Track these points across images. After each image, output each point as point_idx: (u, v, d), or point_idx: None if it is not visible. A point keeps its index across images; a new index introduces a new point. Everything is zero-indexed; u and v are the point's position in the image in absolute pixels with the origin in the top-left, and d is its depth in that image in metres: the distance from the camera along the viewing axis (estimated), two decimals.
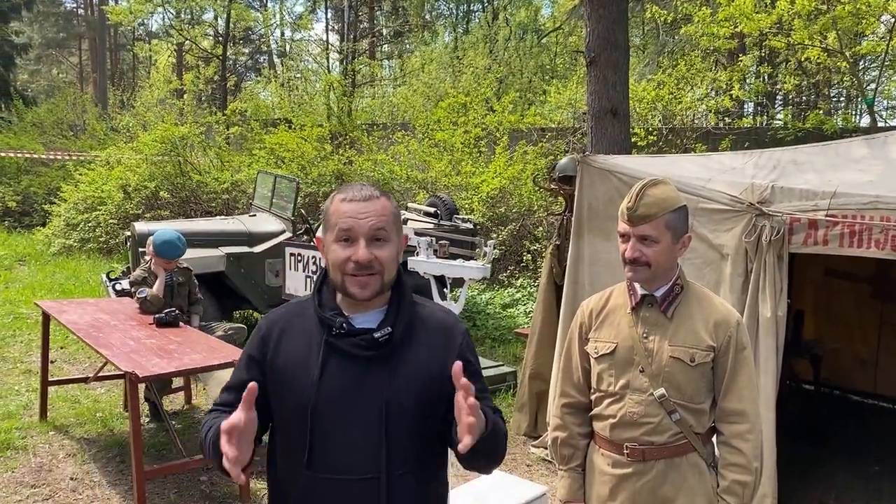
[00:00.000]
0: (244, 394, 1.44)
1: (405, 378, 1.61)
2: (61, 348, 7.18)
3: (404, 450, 1.61)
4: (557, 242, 5.24)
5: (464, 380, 1.42)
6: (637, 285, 2.18)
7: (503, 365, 6.74)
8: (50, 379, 5.43)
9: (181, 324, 4.95)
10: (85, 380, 5.64)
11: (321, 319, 1.64)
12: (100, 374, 5.47)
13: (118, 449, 4.82)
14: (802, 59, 12.12)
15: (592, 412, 2.26)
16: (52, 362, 6.43)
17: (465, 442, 1.42)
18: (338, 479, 1.59)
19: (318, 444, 1.59)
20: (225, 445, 1.42)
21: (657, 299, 2.15)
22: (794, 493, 4.50)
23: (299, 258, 4.37)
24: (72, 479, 4.40)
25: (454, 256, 3.78)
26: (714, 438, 2.19)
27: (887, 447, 5.35)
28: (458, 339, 1.71)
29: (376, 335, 1.60)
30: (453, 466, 2.05)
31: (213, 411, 1.73)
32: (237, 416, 1.43)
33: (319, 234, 1.71)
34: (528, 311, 8.93)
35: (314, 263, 4.24)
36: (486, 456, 1.61)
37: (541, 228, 10.40)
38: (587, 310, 2.30)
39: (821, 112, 12.25)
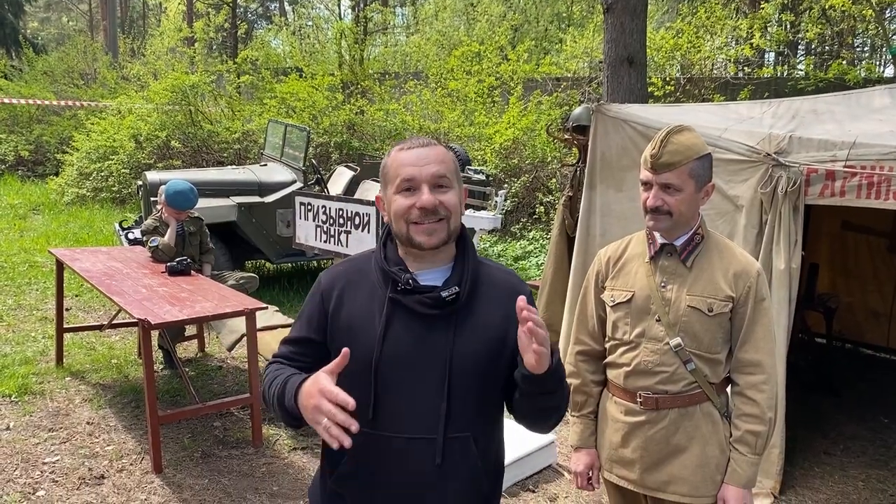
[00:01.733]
0: (338, 359, 1.41)
1: (469, 338, 1.58)
2: (76, 296, 7.26)
3: (464, 411, 1.59)
4: (570, 194, 5.18)
5: (525, 313, 1.40)
6: (657, 234, 2.14)
7: None
8: (65, 326, 5.50)
9: (193, 272, 4.97)
10: (100, 327, 5.71)
11: (385, 274, 1.60)
12: (114, 322, 5.52)
13: (133, 395, 4.90)
14: (826, 7, 11.78)
15: (606, 360, 2.25)
16: (67, 310, 6.51)
17: (530, 363, 1.43)
18: (395, 437, 1.57)
19: (379, 401, 1.57)
20: (330, 408, 1.37)
21: (677, 248, 2.12)
22: (801, 445, 4.53)
23: (309, 208, 4.35)
24: (88, 423, 4.48)
25: (466, 207, 3.73)
26: (728, 389, 2.18)
27: None
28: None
29: (444, 294, 1.55)
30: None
31: (272, 364, 1.70)
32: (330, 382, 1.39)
33: (379, 192, 1.66)
34: (539, 263, 8.91)
35: (324, 213, 4.22)
36: (545, 401, 1.58)
37: (554, 180, 10.30)
38: (604, 258, 2.27)
39: (844, 62, 11.95)
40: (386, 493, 1.60)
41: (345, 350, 1.42)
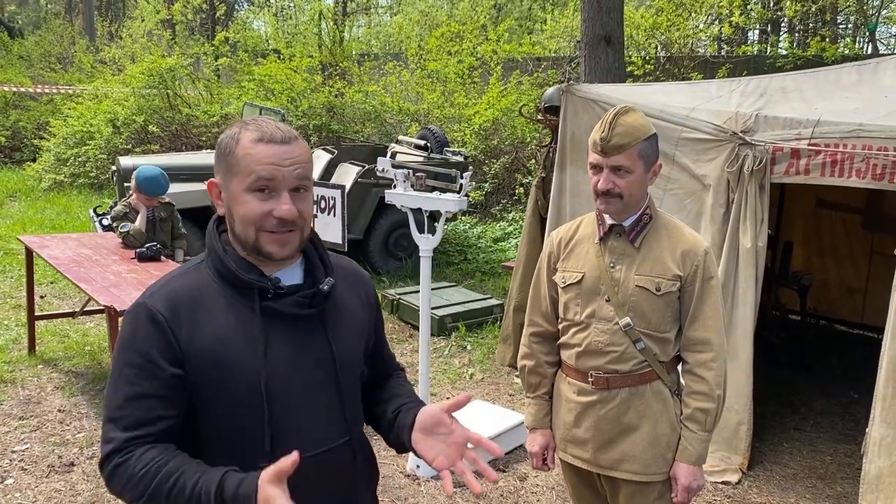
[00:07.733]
0: (283, 466, 1.20)
1: (344, 329, 1.50)
2: (51, 283, 7.20)
3: (355, 402, 1.53)
4: (543, 175, 5.17)
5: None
6: (606, 215, 2.14)
7: (491, 298, 6.77)
8: (38, 313, 5.46)
9: (163, 258, 4.93)
10: (72, 314, 5.67)
11: (243, 285, 1.39)
12: (86, 309, 5.48)
13: (106, 382, 4.86)
14: None
15: (559, 341, 2.25)
16: (41, 297, 6.47)
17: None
18: (309, 457, 1.37)
19: (276, 425, 1.39)
20: None
21: (625, 229, 2.12)
22: (771, 421, 4.57)
23: None
24: (59, 410, 4.46)
25: (432, 189, 3.72)
26: (679, 367, 2.19)
27: (867, 375, 5.39)
28: (370, 286, 1.64)
29: (323, 287, 1.42)
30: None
31: (130, 450, 1.30)
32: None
33: (215, 178, 1.44)
34: (519, 244, 8.91)
35: None
36: None
37: (533, 161, 10.29)
38: (556, 239, 2.28)
39: (825, 40, 11.94)
40: None
41: (294, 455, 1.20)
